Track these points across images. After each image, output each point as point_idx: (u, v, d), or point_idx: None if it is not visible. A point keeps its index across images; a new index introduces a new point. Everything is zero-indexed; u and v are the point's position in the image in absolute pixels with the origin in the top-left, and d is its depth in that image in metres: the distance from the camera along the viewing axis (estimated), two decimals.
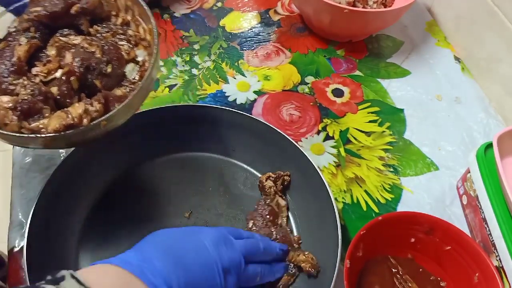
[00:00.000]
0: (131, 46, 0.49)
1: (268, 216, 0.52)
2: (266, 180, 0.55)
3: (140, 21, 0.50)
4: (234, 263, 0.43)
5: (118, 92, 0.45)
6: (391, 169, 0.61)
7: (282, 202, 0.54)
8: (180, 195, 0.55)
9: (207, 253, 0.41)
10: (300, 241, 0.52)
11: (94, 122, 0.40)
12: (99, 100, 0.42)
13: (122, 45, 0.48)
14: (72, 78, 0.43)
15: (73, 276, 0.33)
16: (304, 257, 0.49)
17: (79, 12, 0.46)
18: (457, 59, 0.76)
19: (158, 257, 0.39)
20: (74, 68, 0.43)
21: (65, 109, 0.41)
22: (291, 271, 0.49)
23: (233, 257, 0.43)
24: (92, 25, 0.48)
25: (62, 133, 0.39)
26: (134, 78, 0.47)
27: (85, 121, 0.40)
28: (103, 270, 0.36)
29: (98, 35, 0.48)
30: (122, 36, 0.49)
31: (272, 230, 0.51)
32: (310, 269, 0.48)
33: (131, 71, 0.48)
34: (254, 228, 0.52)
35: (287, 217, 0.54)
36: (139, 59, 0.49)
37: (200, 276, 0.40)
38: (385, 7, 0.73)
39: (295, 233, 0.53)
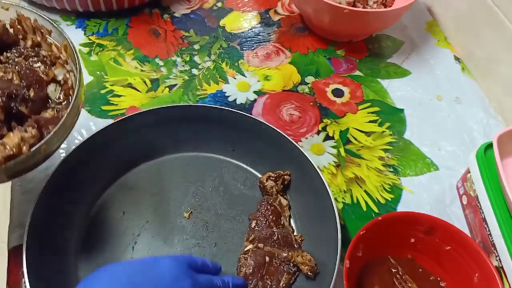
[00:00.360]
0: (47, 66, 0.48)
1: (271, 216, 0.52)
2: (266, 180, 0.55)
3: (51, 39, 0.49)
4: None
5: (47, 114, 0.44)
6: (391, 169, 0.61)
7: (284, 202, 0.54)
8: (180, 195, 0.55)
9: None
10: (302, 239, 0.52)
11: (34, 148, 0.39)
12: (33, 125, 0.41)
13: (38, 67, 0.47)
14: None
15: None
16: (302, 259, 0.49)
17: None
18: (457, 59, 0.76)
19: None
20: None
21: (0, 140, 0.40)
22: (291, 270, 0.49)
23: None
24: (1, 52, 0.47)
25: (3, 166, 0.38)
26: (59, 98, 0.47)
27: (24, 148, 0.39)
28: None
29: (11, 61, 0.47)
30: (36, 58, 0.48)
31: (274, 230, 0.51)
32: (308, 272, 0.48)
33: (53, 91, 0.47)
34: (257, 228, 0.52)
35: (289, 216, 0.54)
36: (59, 78, 0.48)
37: None
38: (385, 7, 0.73)
39: (295, 232, 0.53)
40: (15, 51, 0.48)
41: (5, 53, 0.47)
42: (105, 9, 0.74)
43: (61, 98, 0.47)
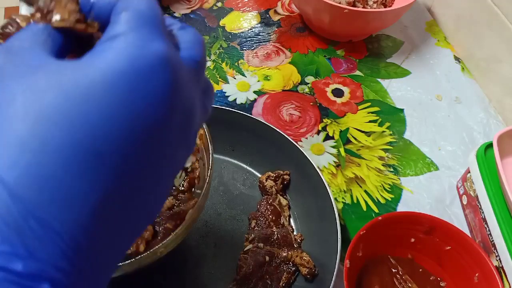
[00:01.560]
0: None
1: (271, 216, 0.52)
2: (266, 180, 0.55)
3: None
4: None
5: (167, 202, 0.40)
6: (391, 169, 0.61)
7: (284, 202, 0.54)
8: None
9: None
10: (302, 239, 0.52)
11: (154, 249, 0.34)
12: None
13: None
14: None
15: None
16: (300, 260, 0.49)
17: None
18: (457, 59, 0.76)
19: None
20: None
21: None
22: (291, 269, 0.49)
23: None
24: None
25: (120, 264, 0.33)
26: (181, 186, 0.43)
27: (141, 247, 0.36)
28: None
29: None
30: None
31: (274, 230, 0.51)
32: (306, 274, 0.48)
33: (178, 178, 0.43)
34: (256, 228, 0.52)
35: (289, 216, 0.54)
36: (187, 165, 0.43)
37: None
38: (385, 7, 0.73)
39: (294, 232, 0.53)
40: None
41: None
42: None
43: (184, 187, 0.43)
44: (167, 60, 0.19)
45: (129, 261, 0.34)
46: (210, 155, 0.40)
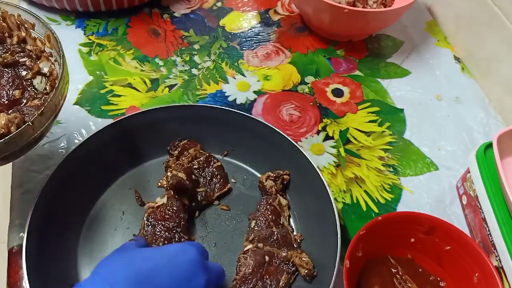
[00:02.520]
0: (33, 60, 0.50)
1: (270, 216, 0.52)
2: (266, 180, 0.55)
3: (35, 33, 0.51)
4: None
5: (34, 103, 0.47)
6: (391, 169, 0.61)
7: (284, 202, 0.54)
8: None
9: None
10: (302, 238, 0.52)
11: (22, 127, 0.41)
12: (16, 111, 0.45)
13: (24, 61, 0.50)
14: None
15: None
16: (299, 261, 0.49)
17: None
18: (457, 59, 0.76)
19: None
20: None
21: None
22: (291, 269, 0.49)
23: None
24: None
25: None
26: (45, 89, 0.49)
27: (12, 128, 0.42)
28: None
29: None
30: (22, 54, 0.51)
31: (274, 230, 0.51)
32: (305, 275, 0.48)
33: (39, 83, 0.50)
34: (256, 228, 0.52)
35: (289, 216, 0.54)
36: (45, 70, 0.50)
37: None
38: (385, 6, 0.73)
39: (294, 232, 0.53)
40: (1, 48, 0.51)
41: None
42: (105, 9, 0.74)
43: (47, 89, 0.49)
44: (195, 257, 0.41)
45: (3, 139, 0.39)
46: (60, 50, 0.46)
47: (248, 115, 0.57)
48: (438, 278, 0.50)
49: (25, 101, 0.49)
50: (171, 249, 0.41)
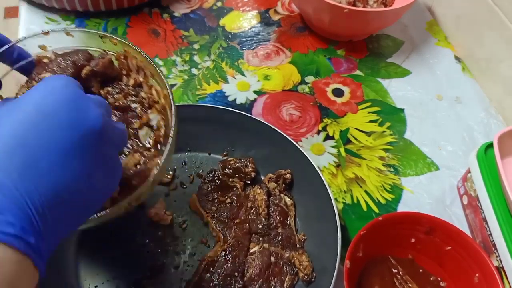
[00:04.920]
0: (144, 109, 0.46)
1: (278, 217, 0.52)
2: (268, 182, 0.55)
3: (153, 82, 0.46)
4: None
5: (134, 158, 0.42)
6: (392, 169, 0.61)
7: (289, 201, 0.54)
8: (180, 195, 0.55)
9: (72, 139, 0.28)
10: (305, 238, 0.52)
11: (119, 203, 0.37)
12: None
13: (135, 108, 0.45)
14: None
15: None
16: (298, 264, 0.49)
17: (90, 75, 0.43)
18: (457, 59, 0.76)
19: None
20: None
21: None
22: (293, 271, 0.49)
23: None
24: (103, 86, 0.45)
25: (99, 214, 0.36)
26: (148, 143, 0.44)
27: (107, 203, 0.37)
28: None
29: (110, 96, 0.45)
30: (134, 98, 0.46)
31: (280, 231, 0.51)
32: (302, 279, 0.48)
33: (144, 135, 0.45)
34: (260, 227, 0.52)
35: (294, 216, 0.54)
36: (153, 123, 0.45)
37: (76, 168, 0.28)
38: (385, 6, 0.73)
39: (298, 232, 0.53)
40: (116, 86, 0.46)
41: (106, 87, 0.45)
42: (104, 8, 0.74)
43: (151, 144, 0.44)
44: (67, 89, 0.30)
45: (96, 215, 0.35)
46: (173, 115, 0.42)
47: (248, 115, 0.57)
48: (439, 278, 0.50)
49: (126, 152, 0.43)
50: (34, 97, 0.29)
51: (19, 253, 0.24)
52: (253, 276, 0.48)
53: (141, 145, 0.44)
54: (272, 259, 0.49)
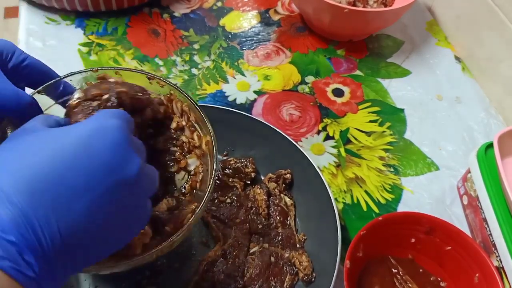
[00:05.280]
0: (183, 153, 0.45)
1: (278, 217, 0.52)
2: (268, 182, 0.55)
3: (196, 127, 0.46)
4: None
5: (169, 202, 0.41)
6: (392, 169, 0.61)
7: (289, 201, 0.54)
8: None
9: (107, 185, 0.28)
10: (305, 238, 0.52)
11: (152, 251, 0.36)
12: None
13: (174, 151, 0.45)
14: None
15: None
16: (298, 264, 0.49)
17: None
18: (457, 59, 0.76)
19: (23, 210, 0.25)
20: None
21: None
22: (293, 271, 0.49)
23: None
24: (149, 127, 0.44)
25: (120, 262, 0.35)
26: (184, 188, 0.44)
27: (138, 249, 0.36)
28: None
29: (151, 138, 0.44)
30: (175, 141, 0.45)
31: (280, 231, 0.51)
32: (302, 279, 0.48)
33: (180, 180, 0.44)
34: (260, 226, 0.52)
35: (294, 216, 0.54)
36: (191, 168, 0.44)
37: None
38: (385, 6, 0.73)
39: (298, 232, 0.53)
40: (159, 129, 0.45)
41: (151, 129, 0.44)
42: (104, 8, 0.74)
43: (186, 189, 0.44)
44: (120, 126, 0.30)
45: (125, 262, 0.35)
46: (214, 163, 0.40)
47: (248, 115, 0.57)
48: (439, 278, 0.50)
49: (160, 195, 0.42)
50: (83, 132, 0.28)
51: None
52: (253, 276, 0.48)
53: (176, 189, 0.43)
54: (272, 259, 0.49)
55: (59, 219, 0.25)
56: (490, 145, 0.53)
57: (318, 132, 0.64)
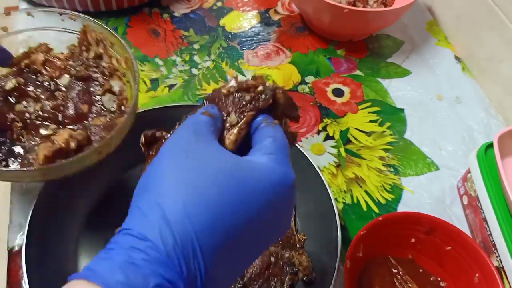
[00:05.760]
0: (105, 77, 0.51)
1: None
2: None
3: (113, 52, 0.52)
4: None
5: (99, 121, 0.48)
6: (392, 169, 0.61)
7: None
8: None
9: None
10: (305, 238, 0.52)
11: (92, 148, 0.42)
12: (81, 128, 0.46)
13: (97, 77, 0.51)
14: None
15: None
16: (298, 264, 0.49)
17: None
18: (457, 59, 0.76)
19: (182, 244, 0.24)
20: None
21: (52, 137, 0.44)
22: (293, 271, 0.49)
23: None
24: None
25: (57, 163, 0.41)
26: (112, 108, 0.50)
27: (72, 145, 0.43)
28: None
29: (72, 69, 0.51)
30: (96, 69, 0.51)
31: None
32: (302, 279, 0.48)
33: (108, 101, 0.50)
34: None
35: (295, 216, 0.54)
36: (115, 89, 0.51)
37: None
38: (385, 6, 0.73)
39: (298, 232, 0.53)
40: (78, 61, 0.52)
41: (70, 61, 0.52)
42: (104, 9, 0.74)
43: (115, 107, 0.50)
44: (295, 187, 0.30)
45: (70, 159, 0.41)
46: (136, 78, 0.47)
47: None
48: (439, 279, 0.50)
49: (91, 116, 0.49)
50: (261, 167, 0.28)
51: None
52: (253, 276, 0.48)
53: (105, 109, 0.50)
54: (272, 259, 0.49)
55: (211, 241, 0.24)
56: (490, 145, 0.53)
57: (318, 132, 0.64)
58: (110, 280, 0.22)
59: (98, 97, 0.50)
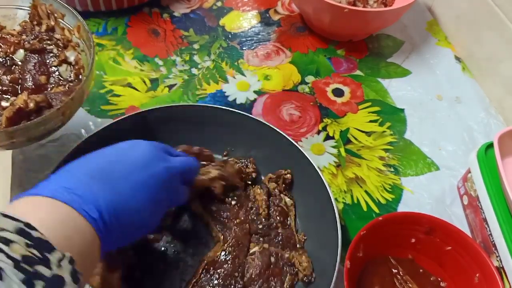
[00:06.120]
0: (60, 49, 0.54)
1: (278, 218, 0.52)
2: (268, 182, 0.54)
3: (64, 24, 0.54)
4: (173, 183, 0.43)
5: (58, 90, 0.51)
6: (392, 169, 0.61)
7: (289, 201, 0.54)
8: None
9: (142, 176, 0.40)
10: (305, 238, 0.52)
11: (55, 108, 0.45)
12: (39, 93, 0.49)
13: (51, 49, 0.54)
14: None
15: (4, 215, 0.29)
16: (298, 264, 0.49)
17: None
18: (457, 58, 0.76)
19: (87, 182, 0.36)
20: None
21: (12, 102, 0.47)
22: (293, 271, 0.49)
23: (171, 175, 0.43)
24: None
25: (24, 123, 0.43)
26: (70, 77, 0.53)
27: (31, 104, 0.45)
28: (34, 203, 0.33)
29: (26, 43, 0.53)
30: (49, 42, 0.54)
31: (280, 231, 0.51)
32: (301, 279, 0.48)
33: (65, 71, 0.53)
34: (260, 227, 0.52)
35: (294, 216, 0.54)
36: (71, 59, 0.53)
37: (137, 201, 0.39)
38: (385, 6, 0.73)
39: (298, 232, 0.53)
40: (31, 35, 0.54)
41: (24, 36, 0.54)
42: (104, 8, 0.74)
43: (72, 77, 0.53)
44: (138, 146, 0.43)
45: (35, 120, 0.43)
46: (91, 45, 0.49)
47: (248, 115, 0.57)
48: (439, 279, 0.50)
49: (50, 87, 0.52)
50: (122, 145, 0.42)
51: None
52: (253, 276, 0.48)
53: (63, 78, 0.53)
54: (272, 259, 0.49)
55: (110, 191, 0.37)
56: (490, 145, 0.53)
57: (318, 132, 0.64)
58: (56, 187, 0.35)
59: (54, 68, 0.53)
